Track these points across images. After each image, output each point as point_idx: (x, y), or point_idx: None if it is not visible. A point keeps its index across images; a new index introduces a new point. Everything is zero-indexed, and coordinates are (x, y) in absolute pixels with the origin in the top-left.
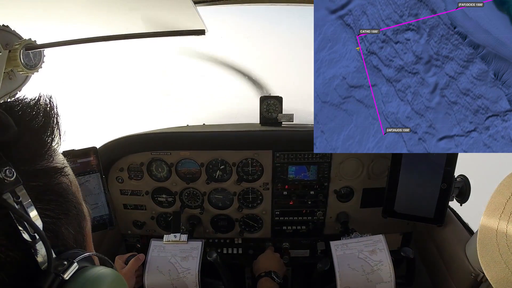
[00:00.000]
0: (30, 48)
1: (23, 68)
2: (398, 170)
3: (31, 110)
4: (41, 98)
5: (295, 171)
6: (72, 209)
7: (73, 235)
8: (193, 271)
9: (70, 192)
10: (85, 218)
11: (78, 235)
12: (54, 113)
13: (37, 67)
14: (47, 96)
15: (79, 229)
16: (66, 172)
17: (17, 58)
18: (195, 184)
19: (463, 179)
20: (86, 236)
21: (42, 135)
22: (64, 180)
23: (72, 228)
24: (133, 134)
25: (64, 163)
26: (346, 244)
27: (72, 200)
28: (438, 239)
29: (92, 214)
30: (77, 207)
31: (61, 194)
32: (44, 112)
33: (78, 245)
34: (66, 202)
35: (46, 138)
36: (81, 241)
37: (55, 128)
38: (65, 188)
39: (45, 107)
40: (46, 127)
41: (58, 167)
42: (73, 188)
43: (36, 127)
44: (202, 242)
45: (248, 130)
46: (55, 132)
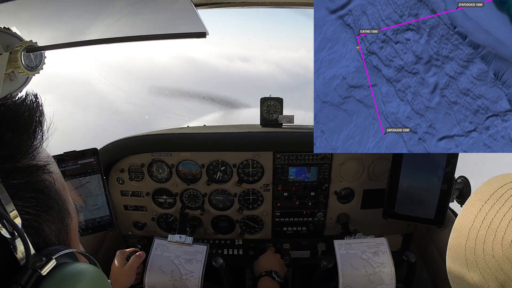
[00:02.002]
0: (31, 50)
1: (24, 69)
2: (398, 171)
3: (16, 108)
4: (27, 96)
5: (295, 173)
6: (55, 206)
7: (55, 232)
8: (196, 274)
9: (52, 189)
10: (69, 215)
11: (61, 232)
12: (38, 111)
13: (38, 68)
14: (32, 95)
15: (62, 226)
16: (49, 170)
17: (18, 60)
18: (195, 185)
19: (464, 180)
20: (71, 233)
21: (24, 133)
22: (47, 177)
23: (54, 225)
24: (133, 136)
25: (48, 161)
26: (350, 243)
27: (55, 197)
28: (439, 240)
29: (93, 215)
30: (60, 204)
31: (42, 191)
32: (28, 110)
33: (61, 242)
34: (47, 199)
35: (29, 136)
36: (64, 238)
37: (38, 126)
38: (47, 185)
39: (30, 105)
40: (29, 125)
41: (40, 164)
42: (56, 186)
43: (18, 125)
44: (207, 247)
45: (249, 131)
46: (37, 130)
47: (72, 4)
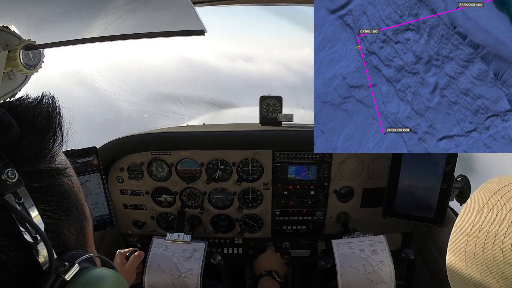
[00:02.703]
0: (30, 48)
1: (23, 68)
2: (398, 170)
3: (33, 110)
4: (43, 98)
5: (295, 171)
6: (74, 210)
7: (74, 236)
8: (195, 272)
9: (72, 193)
10: (86, 219)
11: (80, 236)
12: (56, 114)
13: (37, 67)
14: (49, 96)
15: (80, 230)
16: (68, 173)
17: (16, 58)
18: (195, 184)
19: (463, 179)
20: (88, 237)
21: (45, 135)
22: (66, 181)
23: (73, 229)
24: (133, 134)
25: (66, 164)
26: (348, 243)
27: (74, 201)
28: (438, 239)
29: (92, 214)
30: (78, 208)
31: (63, 195)
32: (46, 112)
33: (79, 246)
34: (68, 203)
35: (49, 139)
36: (82, 242)
37: (58, 129)
38: (67, 189)
39: (48, 107)
40: (48, 127)
41: (60, 168)
42: (75, 189)
43: (38, 127)
44: (205, 244)
45: (248, 130)
46: (57, 133)
47: (71, 2)
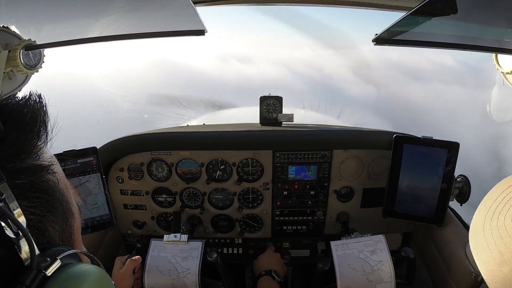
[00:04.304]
0: (30, 48)
1: (23, 68)
2: (398, 170)
3: (20, 108)
4: (31, 96)
5: (295, 171)
6: (59, 207)
7: (59, 233)
8: (193, 271)
9: (56, 190)
10: (73, 216)
11: (65, 233)
12: (42, 112)
13: (37, 67)
14: (36, 95)
15: (66, 227)
16: (53, 170)
17: (16, 58)
18: (195, 184)
19: (463, 179)
20: (74, 234)
21: (29, 133)
22: (51, 177)
23: (58, 225)
24: (133, 134)
25: (52, 161)
26: (347, 244)
27: (59, 197)
28: (438, 239)
29: (92, 214)
30: (64, 204)
31: (46, 192)
32: (32, 110)
33: (65, 242)
34: (52, 199)
35: (33, 136)
36: (68, 238)
37: (42, 126)
38: (51, 185)
39: (34, 105)
40: (33, 125)
41: (45, 164)
42: (60, 186)
43: (22, 125)
44: (202, 243)
45: (248, 130)
46: (42, 130)
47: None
